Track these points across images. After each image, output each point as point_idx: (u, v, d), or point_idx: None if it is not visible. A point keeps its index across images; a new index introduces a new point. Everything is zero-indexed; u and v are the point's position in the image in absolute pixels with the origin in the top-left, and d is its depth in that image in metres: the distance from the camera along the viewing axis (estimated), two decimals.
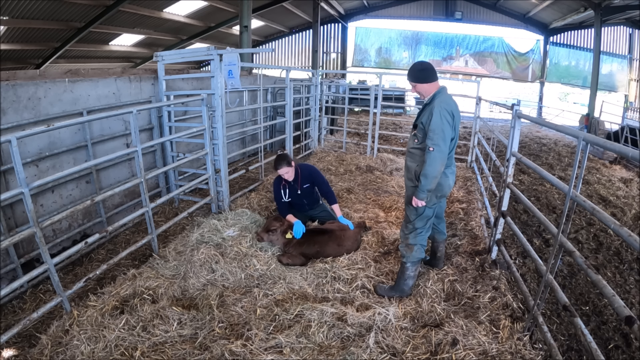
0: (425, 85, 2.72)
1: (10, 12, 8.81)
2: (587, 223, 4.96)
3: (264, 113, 7.87)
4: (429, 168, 2.58)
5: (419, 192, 2.66)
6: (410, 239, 2.85)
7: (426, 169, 2.59)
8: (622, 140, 9.68)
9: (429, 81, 2.71)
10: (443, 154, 2.58)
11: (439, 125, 2.56)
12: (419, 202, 2.69)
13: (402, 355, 2.20)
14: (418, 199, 2.69)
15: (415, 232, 2.84)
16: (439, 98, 2.66)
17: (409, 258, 2.83)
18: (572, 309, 1.99)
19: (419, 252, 2.83)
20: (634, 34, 16.66)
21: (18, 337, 2.51)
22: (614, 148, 1.73)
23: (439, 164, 2.58)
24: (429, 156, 2.58)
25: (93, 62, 14.38)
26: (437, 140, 2.56)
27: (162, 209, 4.70)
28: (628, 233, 1.56)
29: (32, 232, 2.30)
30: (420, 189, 2.65)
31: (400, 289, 2.85)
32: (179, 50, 4.89)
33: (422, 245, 2.85)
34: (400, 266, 2.90)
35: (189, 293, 2.84)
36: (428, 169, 2.58)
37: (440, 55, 19.57)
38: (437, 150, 2.56)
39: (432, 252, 3.28)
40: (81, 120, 2.77)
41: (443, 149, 2.56)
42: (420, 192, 2.66)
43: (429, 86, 2.72)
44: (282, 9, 15.72)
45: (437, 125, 2.56)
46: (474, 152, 6.72)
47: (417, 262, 2.86)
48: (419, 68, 2.73)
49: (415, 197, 2.70)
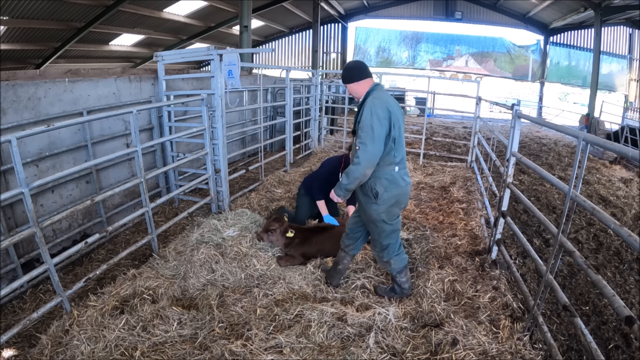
0: (353, 85, 2.59)
1: (10, 12, 8.81)
2: (587, 223, 4.96)
3: (264, 113, 7.87)
4: (352, 168, 2.43)
5: (337, 188, 2.56)
6: (385, 256, 2.75)
7: (350, 168, 2.45)
8: (622, 140, 9.68)
9: (357, 80, 2.57)
10: (370, 155, 2.38)
11: (368, 122, 2.39)
12: (335, 196, 2.59)
13: (402, 355, 2.20)
14: (335, 194, 2.59)
15: (386, 249, 2.73)
16: (373, 95, 2.51)
17: (393, 270, 2.78)
18: (572, 309, 1.99)
19: (398, 262, 2.75)
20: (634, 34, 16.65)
21: (18, 337, 2.51)
22: (614, 148, 1.73)
23: (364, 165, 2.40)
24: (355, 155, 2.43)
25: (93, 62, 14.38)
26: (364, 138, 2.38)
27: (162, 209, 4.70)
28: (628, 233, 1.56)
29: (32, 232, 2.30)
30: (339, 185, 2.54)
31: (399, 292, 2.84)
32: (179, 50, 4.89)
33: (397, 255, 2.76)
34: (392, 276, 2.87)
35: (189, 293, 2.84)
36: (352, 168, 2.43)
37: (440, 55, 19.55)
38: (363, 150, 2.38)
39: (334, 262, 3.02)
40: (81, 120, 2.77)
41: (370, 148, 2.37)
42: (338, 188, 2.55)
43: (358, 85, 2.58)
44: (282, 9, 15.72)
45: (366, 122, 2.39)
46: (474, 152, 6.73)
47: (404, 267, 2.80)
48: (346, 67, 2.63)
49: (333, 191, 2.60)
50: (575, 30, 17.88)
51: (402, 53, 19.72)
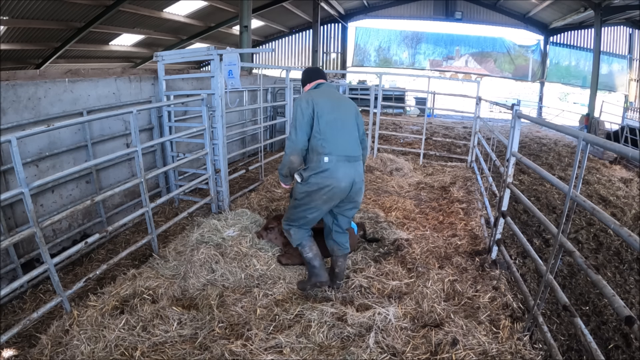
0: (304, 88, 3.00)
1: (10, 12, 8.81)
2: (587, 223, 4.96)
3: (264, 113, 7.87)
4: (284, 155, 2.76)
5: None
6: (285, 225, 2.94)
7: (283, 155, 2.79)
8: (622, 140, 9.67)
9: (307, 83, 2.97)
10: (292, 142, 2.65)
11: (293, 113, 2.70)
12: (282, 183, 2.93)
13: (402, 355, 2.20)
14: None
15: (288, 219, 2.90)
16: (308, 91, 2.85)
17: (293, 242, 2.93)
18: (572, 309, 1.99)
19: (298, 234, 2.88)
20: (634, 34, 16.66)
21: (18, 337, 2.51)
22: (614, 148, 1.73)
23: (289, 152, 2.69)
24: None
25: (93, 62, 14.38)
26: (290, 128, 2.74)
27: (162, 209, 4.70)
28: (628, 233, 1.56)
29: (32, 232, 2.30)
30: (278, 171, 2.87)
31: (314, 275, 2.86)
32: (179, 50, 4.89)
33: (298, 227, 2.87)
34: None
35: (189, 293, 2.84)
36: (284, 155, 2.76)
37: (440, 55, 19.56)
38: (288, 138, 2.72)
39: (331, 267, 3.05)
40: (81, 120, 2.77)
41: (293, 137, 2.65)
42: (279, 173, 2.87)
43: (308, 87, 2.97)
44: (282, 9, 15.72)
45: (293, 113, 2.72)
46: (474, 152, 6.73)
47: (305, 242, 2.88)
48: (302, 72, 3.04)
49: None
50: (575, 30, 17.88)
51: (402, 53, 19.72)
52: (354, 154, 2.71)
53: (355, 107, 2.88)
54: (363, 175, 2.81)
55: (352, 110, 2.82)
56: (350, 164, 2.68)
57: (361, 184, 2.78)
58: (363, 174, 2.82)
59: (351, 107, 2.83)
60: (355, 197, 2.79)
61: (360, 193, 2.82)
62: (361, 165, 2.80)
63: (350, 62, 20.14)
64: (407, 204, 4.66)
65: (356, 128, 2.81)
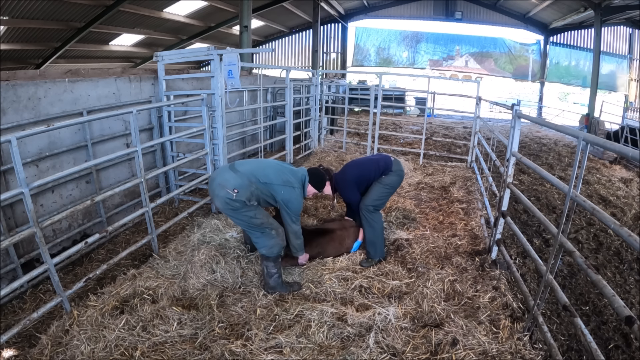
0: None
1: (10, 12, 8.81)
2: (587, 223, 4.96)
3: (264, 113, 7.87)
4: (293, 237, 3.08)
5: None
6: None
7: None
8: (622, 140, 9.67)
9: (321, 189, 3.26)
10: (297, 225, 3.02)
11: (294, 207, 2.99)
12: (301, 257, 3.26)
13: (402, 355, 2.20)
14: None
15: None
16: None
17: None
18: (572, 309, 1.99)
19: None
20: (634, 34, 16.65)
21: (18, 337, 2.51)
22: (614, 148, 1.73)
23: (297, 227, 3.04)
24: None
25: (93, 62, 14.38)
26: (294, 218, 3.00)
27: (162, 209, 4.70)
28: (628, 233, 1.56)
29: (32, 232, 2.30)
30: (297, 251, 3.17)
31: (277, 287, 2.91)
32: (179, 50, 4.89)
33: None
34: None
35: (189, 293, 2.84)
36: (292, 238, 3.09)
37: (440, 55, 19.55)
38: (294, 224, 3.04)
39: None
40: (81, 120, 2.77)
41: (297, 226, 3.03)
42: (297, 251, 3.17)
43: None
44: (282, 9, 15.72)
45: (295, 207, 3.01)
46: (474, 152, 6.73)
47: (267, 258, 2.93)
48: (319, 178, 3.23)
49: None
50: (575, 30, 17.87)
51: (402, 53, 19.71)
52: None
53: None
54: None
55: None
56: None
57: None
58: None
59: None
60: None
61: None
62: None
63: (350, 62, 20.14)
64: (407, 204, 4.65)
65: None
